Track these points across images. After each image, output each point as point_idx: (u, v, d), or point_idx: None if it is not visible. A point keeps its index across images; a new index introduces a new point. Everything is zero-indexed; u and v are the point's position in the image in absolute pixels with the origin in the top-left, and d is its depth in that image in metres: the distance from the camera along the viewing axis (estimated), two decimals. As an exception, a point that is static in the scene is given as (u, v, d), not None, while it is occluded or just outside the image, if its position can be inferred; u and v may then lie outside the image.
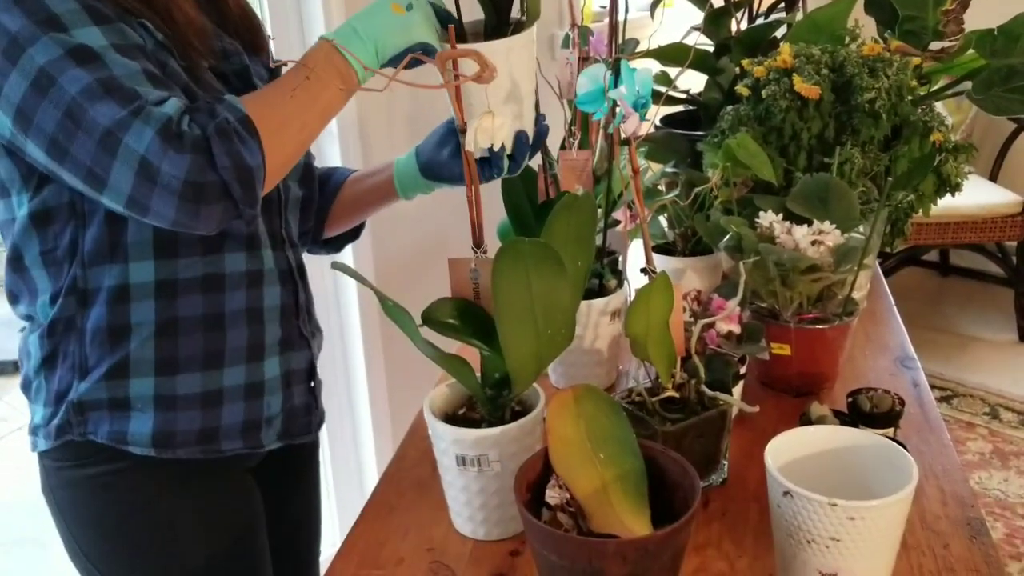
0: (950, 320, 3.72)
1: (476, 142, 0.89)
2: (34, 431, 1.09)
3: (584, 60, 1.47)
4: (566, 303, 0.92)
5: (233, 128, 0.91)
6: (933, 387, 3.22)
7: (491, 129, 0.87)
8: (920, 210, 1.47)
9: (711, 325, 1.14)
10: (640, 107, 1.22)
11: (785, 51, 1.46)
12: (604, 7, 1.79)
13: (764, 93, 1.42)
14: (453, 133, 1.17)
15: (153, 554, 1.11)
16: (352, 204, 1.32)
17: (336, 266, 0.89)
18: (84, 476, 1.08)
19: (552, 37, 2.58)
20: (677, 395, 1.06)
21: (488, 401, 1.01)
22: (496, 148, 0.90)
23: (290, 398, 1.16)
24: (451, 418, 1.03)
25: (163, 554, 1.11)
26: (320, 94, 0.98)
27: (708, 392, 1.05)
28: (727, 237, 1.27)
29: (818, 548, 0.85)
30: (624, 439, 0.91)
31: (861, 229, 1.28)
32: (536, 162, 1.29)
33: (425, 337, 0.98)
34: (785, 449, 0.93)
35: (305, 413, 1.20)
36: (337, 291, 2.15)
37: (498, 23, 1.05)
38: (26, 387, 1.09)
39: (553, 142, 1.45)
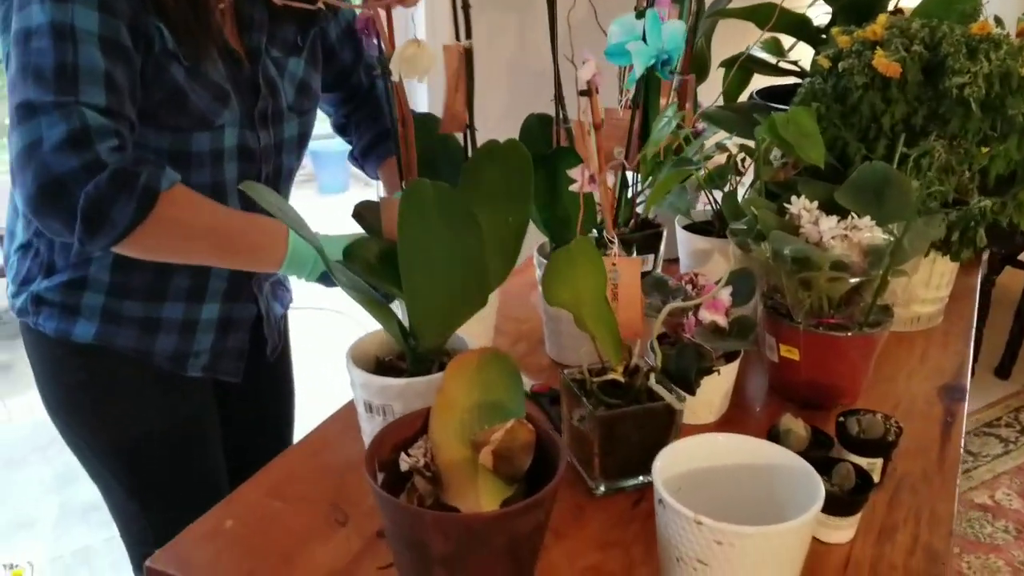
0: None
1: (400, 72, 0.83)
2: (9, 297, 1.22)
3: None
4: (476, 258, 0.85)
5: (133, 183, 0.96)
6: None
7: (413, 57, 0.82)
8: (1019, 221, 1.26)
9: (686, 311, 1.03)
10: (662, 63, 1.12)
11: (880, 21, 1.28)
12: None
13: (840, 66, 1.26)
14: None
15: (99, 422, 1.23)
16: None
17: (245, 186, 0.87)
18: (41, 341, 1.19)
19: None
20: (622, 379, 0.97)
21: (412, 352, 0.96)
22: (420, 80, 0.84)
23: (224, 340, 1.24)
24: (380, 364, 1.00)
25: (106, 424, 1.23)
26: (245, 247, 1.09)
27: (652, 383, 0.96)
28: (743, 220, 1.14)
29: (686, 569, 0.75)
30: (515, 414, 0.84)
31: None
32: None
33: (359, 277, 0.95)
34: (690, 455, 0.82)
35: (237, 358, 1.27)
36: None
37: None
38: (5, 260, 1.21)
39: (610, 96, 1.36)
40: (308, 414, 1.36)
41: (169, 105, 1.05)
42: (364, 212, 0.94)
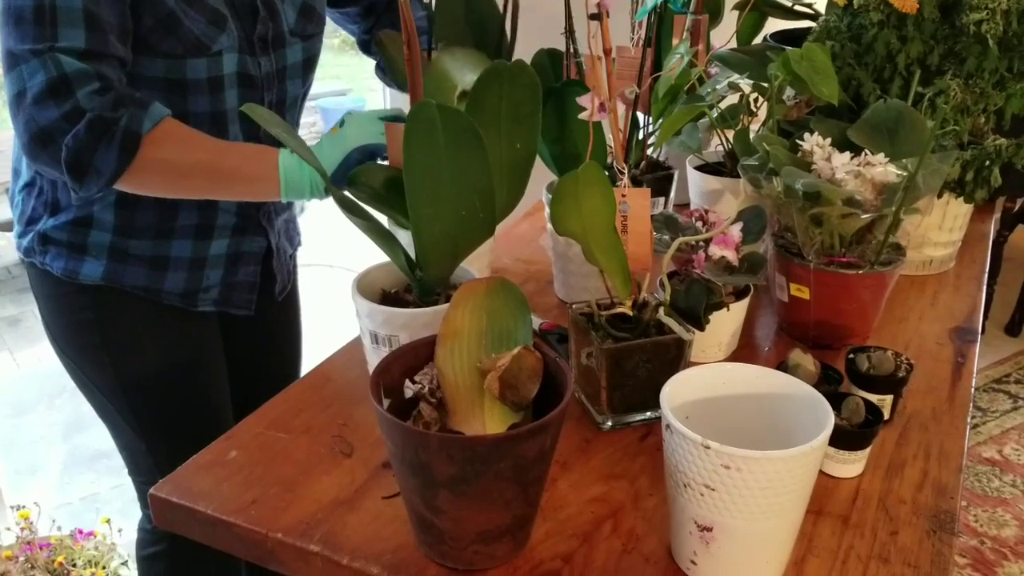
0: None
1: (405, -4, 0.81)
2: (15, 237, 1.20)
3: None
4: (483, 182, 0.84)
5: (112, 130, 0.95)
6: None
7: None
8: (1034, 163, 1.24)
9: (696, 246, 1.02)
10: (675, -4, 1.09)
11: (898, -42, 1.25)
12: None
13: (855, 2, 1.23)
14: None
15: (108, 360, 1.22)
16: None
17: (247, 107, 0.85)
18: (48, 279, 1.18)
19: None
20: (631, 313, 0.96)
21: (418, 283, 0.95)
22: None
23: (234, 274, 1.24)
24: (387, 296, 0.99)
25: (114, 361, 1.22)
26: (239, 179, 1.05)
27: (661, 316, 0.94)
28: (754, 156, 1.12)
29: (693, 495, 0.75)
30: (522, 342, 0.83)
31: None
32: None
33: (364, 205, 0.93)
34: (699, 383, 0.81)
35: (248, 290, 1.27)
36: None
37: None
38: (11, 200, 1.19)
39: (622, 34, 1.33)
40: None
41: (161, 31, 1.03)
42: (387, 41, 0.94)
